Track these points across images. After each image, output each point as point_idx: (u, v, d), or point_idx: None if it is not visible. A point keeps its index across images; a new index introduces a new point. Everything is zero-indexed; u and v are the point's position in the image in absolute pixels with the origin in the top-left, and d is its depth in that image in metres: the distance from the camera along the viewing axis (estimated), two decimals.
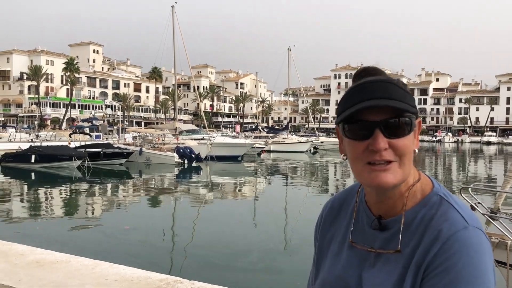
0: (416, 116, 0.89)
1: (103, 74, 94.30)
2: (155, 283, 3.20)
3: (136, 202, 16.94)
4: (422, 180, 0.94)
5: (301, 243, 9.99)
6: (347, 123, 0.89)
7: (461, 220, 0.85)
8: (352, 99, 0.88)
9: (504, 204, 5.24)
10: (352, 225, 1.00)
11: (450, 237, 0.83)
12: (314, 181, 24.77)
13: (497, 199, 5.11)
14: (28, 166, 25.40)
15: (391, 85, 0.88)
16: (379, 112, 0.86)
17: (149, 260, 8.33)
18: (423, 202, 0.91)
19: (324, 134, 68.96)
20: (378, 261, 0.93)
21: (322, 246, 1.07)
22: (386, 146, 0.85)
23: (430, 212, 0.88)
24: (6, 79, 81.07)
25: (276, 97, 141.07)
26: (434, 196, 0.91)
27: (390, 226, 0.92)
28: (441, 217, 0.86)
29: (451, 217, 0.86)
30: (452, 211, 0.87)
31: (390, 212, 0.93)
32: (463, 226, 0.84)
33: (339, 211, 1.06)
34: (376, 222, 0.94)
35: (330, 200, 1.12)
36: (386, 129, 0.85)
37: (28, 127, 57.78)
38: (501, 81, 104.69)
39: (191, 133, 38.88)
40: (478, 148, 67.51)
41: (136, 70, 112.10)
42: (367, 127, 0.86)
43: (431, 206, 0.89)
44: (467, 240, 0.82)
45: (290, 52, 62.69)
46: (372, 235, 0.95)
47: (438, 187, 0.94)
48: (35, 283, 3.20)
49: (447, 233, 0.83)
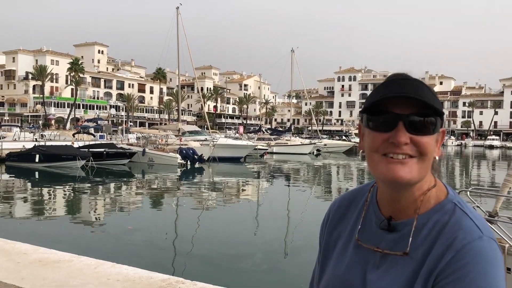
0: (442, 122, 0.88)
1: (108, 74, 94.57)
2: (157, 283, 3.21)
3: (139, 202, 16.97)
4: (437, 187, 0.92)
5: (304, 245, 9.99)
6: (372, 113, 0.88)
7: (476, 230, 0.83)
8: (380, 92, 0.87)
9: (503, 208, 5.24)
10: (360, 223, 0.99)
11: (465, 246, 0.81)
12: (316, 183, 24.74)
13: (495, 202, 5.13)
14: (32, 166, 25.51)
15: (422, 85, 0.87)
16: (405, 106, 0.84)
17: (152, 261, 8.34)
18: (437, 208, 0.89)
19: (327, 137, 68.77)
20: (383, 262, 0.91)
21: (328, 244, 1.06)
22: (408, 141, 0.84)
23: (443, 218, 0.87)
24: (12, 79, 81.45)
25: (279, 99, 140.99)
26: (449, 203, 0.90)
27: (400, 228, 0.91)
28: (455, 225, 0.85)
29: (466, 225, 0.84)
30: (467, 219, 0.86)
31: (401, 214, 0.92)
32: (478, 236, 0.82)
33: (347, 209, 1.05)
34: (385, 223, 0.93)
35: (339, 199, 1.10)
36: (410, 124, 0.84)
37: (33, 126, 58.04)
38: (505, 85, 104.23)
39: (194, 134, 38.90)
40: (481, 152, 67.27)
41: (141, 70, 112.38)
42: (391, 119, 0.85)
43: (444, 213, 0.88)
44: (482, 251, 0.81)
45: (293, 54, 62.71)
46: (379, 235, 0.94)
47: (453, 194, 0.92)
48: (38, 282, 3.22)
49: (462, 241, 0.82)
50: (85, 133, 39.41)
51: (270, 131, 57.25)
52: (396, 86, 0.86)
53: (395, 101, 0.85)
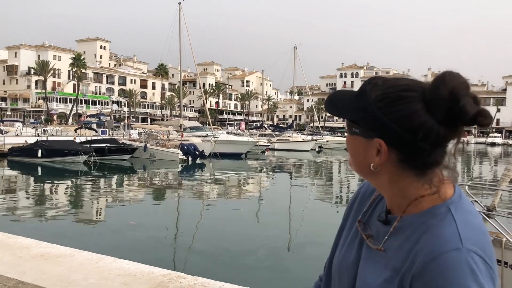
0: (373, 128, 0.88)
1: (110, 70, 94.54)
2: (158, 278, 3.22)
3: (140, 198, 17.00)
4: (440, 193, 0.88)
5: (306, 241, 10.00)
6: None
7: (455, 240, 0.79)
8: None
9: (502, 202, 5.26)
10: (367, 207, 1.02)
11: (436, 257, 0.78)
12: (318, 180, 24.74)
13: (493, 197, 5.15)
14: (34, 160, 25.59)
15: (332, 99, 0.97)
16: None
17: (153, 256, 8.36)
18: (429, 211, 0.87)
19: (329, 133, 68.73)
20: (371, 250, 0.94)
21: (343, 225, 1.09)
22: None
23: (430, 221, 0.84)
24: (14, 74, 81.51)
25: (281, 95, 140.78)
26: (443, 207, 0.86)
27: (392, 223, 0.92)
28: (435, 231, 0.81)
29: (446, 234, 0.80)
30: (450, 227, 0.81)
31: (394, 208, 0.93)
32: (454, 247, 0.78)
33: (370, 195, 1.06)
34: (383, 215, 0.94)
35: (367, 182, 1.08)
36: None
37: (35, 121, 58.14)
38: (508, 82, 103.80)
39: (195, 130, 38.92)
40: (483, 149, 67.12)
41: (143, 66, 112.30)
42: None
43: (433, 216, 0.85)
44: (455, 263, 0.76)
45: (296, 50, 62.57)
46: (377, 226, 0.96)
47: (454, 199, 0.88)
48: (39, 276, 3.23)
49: (434, 252, 0.78)
50: (87, 129, 39.48)
51: (272, 128, 57.18)
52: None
53: None
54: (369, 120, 0.86)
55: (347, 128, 0.95)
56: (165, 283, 3.15)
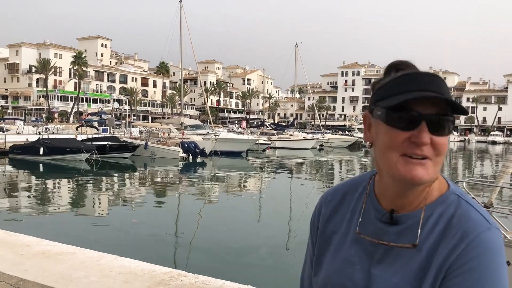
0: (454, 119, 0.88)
1: (111, 68, 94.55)
2: (159, 276, 3.22)
3: (142, 195, 17.01)
4: (439, 179, 0.92)
5: (306, 240, 9.98)
6: (392, 109, 0.85)
7: (484, 221, 0.84)
8: (400, 87, 0.84)
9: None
10: (361, 217, 0.97)
11: (476, 237, 0.82)
12: (319, 178, 24.74)
13: (491, 193, 5.16)
14: (36, 158, 25.64)
15: (442, 81, 0.85)
16: (428, 104, 0.83)
17: (154, 254, 8.37)
18: (440, 200, 0.89)
19: (330, 132, 68.69)
20: (387, 256, 0.90)
21: (322, 240, 1.03)
22: (429, 141, 0.83)
23: (449, 210, 0.87)
24: (15, 72, 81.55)
25: (282, 94, 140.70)
26: (452, 195, 0.89)
27: (403, 221, 0.89)
28: (463, 216, 0.85)
29: (474, 217, 0.85)
30: (473, 211, 0.86)
31: (405, 207, 0.90)
32: (487, 227, 0.83)
33: (342, 202, 1.02)
34: (387, 216, 0.91)
35: (330, 192, 1.07)
36: (432, 124, 0.83)
37: (36, 119, 58.16)
38: (509, 80, 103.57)
39: (195, 128, 38.96)
40: (484, 147, 67.07)
41: (144, 64, 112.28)
42: (414, 118, 0.82)
43: (449, 205, 0.88)
44: (491, 242, 0.82)
45: (297, 49, 62.51)
46: (380, 228, 0.92)
47: (453, 186, 0.92)
48: (41, 274, 3.23)
49: (473, 233, 0.82)
50: (88, 127, 39.51)
51: (273, 126, 57.17)
52: (419, 82, 0.84)
53: (424, 99, 0.83)
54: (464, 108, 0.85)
55: (443, 127, 0.84)
56: (166, 281, 3.15)
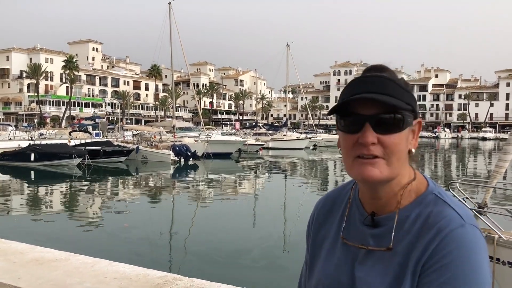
0: (415, 115, 0.89)
1: (103, 72, 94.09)
2: (154, 280, 3.21)
3: (134, 200, 16.94)
4: (417, 179, 0.93)
5: (302, 240, 9.98)
6: (341, 115, 0.89)
7: (457, 218, 0.85)
8: (348, 91, 0.88)
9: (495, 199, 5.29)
10: (344, 222, 1.00)
11: (448, 234, 0.83)
12: (313, 178, 24.78)
13: (485, 194, 5.17)
14: (27, 165, 25.33)
15: (390, 81, 0.87)
16: (372, 106, 0.85)
17: (149, 258, 8.35)
18: (418, 201, 0.90)
19: (323, 131, 68.86)
20: (368, 258, 0.92)
21: (315, 244, 1.07)
22: (375, 141, 0.85)
23: (426, 210, 0.88)
24: (6, 78, 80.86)
25: (275, 94, 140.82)
26: (429, 195, 0.90)
27: (383, 223, 0.91)
28: (438, 215, 0.86)
29: (448, 214, 0.86)
30: (448, 209, 0.87)
31: (383, 209, 0.92)
32: (460, 224, 0.84)
33: (332, 209, 1.05)
34: (368, 219, 0.93)
35: (323, 198, 1.11)
36: (376, 124, 0.85)
37: (28, 125, 57.73)
38: (501, 77, 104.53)
39: (185, 130, 38.80)
40: (475, 143, 67.69)
41: (136, 67, 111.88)
42: (358, 120, 0.86)
43: (426, 205, 0.89)
44: (465, 238, 0.82)
45: (288, 49, 62.60)
46: (363, 232, 0.94)
47: (433, 186, 0.93)
48: (34, 281, 3.21)
49: (445, 230, 0.83)
50: (81, 131, 39.22)
51: (266, 127, 57.20)
52: (364, 85, 0.87)
53: (361, 100, 0.85)
54: (415, 102, 0.89)
55: (390, 126, 0.86)
56: (161, 285, 3.14)
